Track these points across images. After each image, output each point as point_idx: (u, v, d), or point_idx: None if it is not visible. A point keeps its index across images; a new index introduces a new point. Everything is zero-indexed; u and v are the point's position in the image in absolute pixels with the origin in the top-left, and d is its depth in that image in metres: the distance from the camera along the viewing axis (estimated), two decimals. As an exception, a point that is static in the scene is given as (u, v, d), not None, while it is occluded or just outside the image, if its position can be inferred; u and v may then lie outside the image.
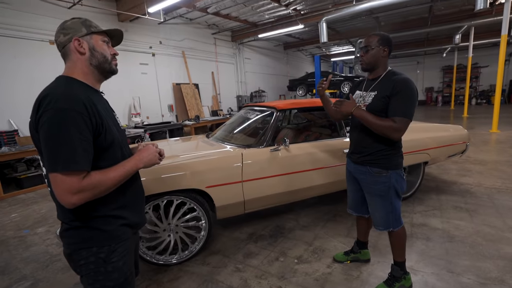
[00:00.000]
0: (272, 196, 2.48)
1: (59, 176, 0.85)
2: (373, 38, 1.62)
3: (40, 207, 3.92)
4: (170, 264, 2.22)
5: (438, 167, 4.51)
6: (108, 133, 0.98)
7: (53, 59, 5.70)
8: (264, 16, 9.12)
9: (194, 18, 8.92)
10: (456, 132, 3.45)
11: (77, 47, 1.00)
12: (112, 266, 1.00)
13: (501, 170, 4.22)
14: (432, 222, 2.75)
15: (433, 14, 10.20)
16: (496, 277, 1.93)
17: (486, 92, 17.15)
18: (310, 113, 3.37)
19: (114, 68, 1.10)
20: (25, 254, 2.64)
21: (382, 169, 1.66)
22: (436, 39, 14.44)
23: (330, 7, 8.37)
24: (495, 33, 12.21)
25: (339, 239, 2.52)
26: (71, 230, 0.98)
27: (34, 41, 5.55)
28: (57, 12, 5.85)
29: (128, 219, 1.06)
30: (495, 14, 9.24)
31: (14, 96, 5.27)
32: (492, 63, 16.49)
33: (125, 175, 0.98)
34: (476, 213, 2.88)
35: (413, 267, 2.06)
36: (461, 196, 3.34)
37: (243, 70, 12.00)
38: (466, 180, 3.90)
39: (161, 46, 8.31)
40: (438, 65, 18.76)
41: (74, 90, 0.93)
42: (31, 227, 3.26)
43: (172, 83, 8.77)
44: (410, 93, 1.53)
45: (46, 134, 0.86)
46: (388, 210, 1.69)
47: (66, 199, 0.86)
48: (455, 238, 2.44)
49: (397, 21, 11.12)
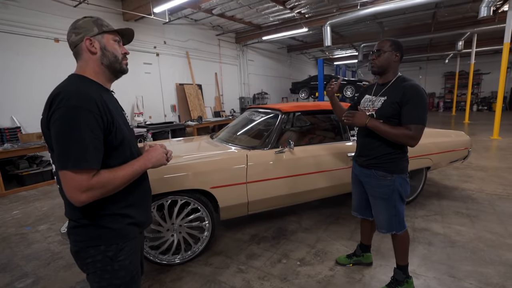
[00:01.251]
0: (275, 198, 2.49)
1: (69, 174, 0.86)
2: (386, 42, 1.65)
3: (42, 204, 3.93)
4: (173, 264, 2.23)
5: (440, 172, 4.52)
6: (119, 131, 0.99)
7: (57, 57, 5.75)
8: (269, 18, 9.16)
9: (199, 19, 8.97)
10: (458, 138, 3.47)
11: (89, 46, 1.01)
12: (119, 264, 1.01)
13: (502, 177, 4.23)
14: (433, 227, 2.76)
15: (436, 20, 10.25)
16: (497, 283, 1.93)
17: (488, 98, 17.19)
18: (314, 116, 3.39)
19: (124, 68, 1.11)
20: (26, 251, 2.64)
21: (387, 173, 1.67)
22: (438, 45, 14.49)
23: (334, 11, 8.41)
24: (497, 40, 12.25)
25: (342, 242, 2.53)
26: (79, 227, 0.98)
27: (39, 39, 5.58)
28: (63, 10, 5.89)
29: (135, 218, 1.07)
30: (498, 21, 9.28)
31: (17, 93, 5.30)
32: (493, 70, 16.54)
33: (133, 174, 0.99)
34: (478, 219, 2.89)
35: (415, 271, 2.07)
36: (462, 202, 3.35)
37: (246, 72, 12.04)
38: (468, 186, 3.91)
39: (165, 46, 8.35)
40: (440, 71, 18.82)
41: (86, 88, 0.94)
42: (33, 224, 3.27)
43: (176, 83, 8.80)
44: (422, 100, 1.55)
45: (57, 131, 0.87)
46: (392, 213, 1.70)
47: (76, 196, 0.87)
48: (457, 243, 2.45)
49: (400, 26, 11.18)
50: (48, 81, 5.60)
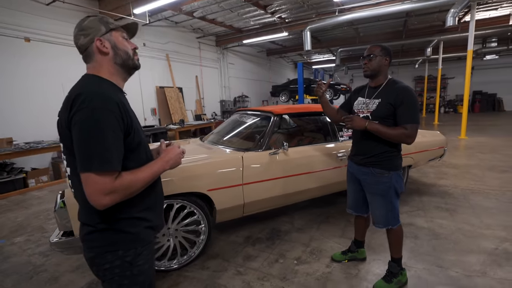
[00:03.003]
0: (270, 199, 2.52)
1: (92, 176, 0.83)
2: (376, 48, 1.74)
3: (15, 215, 3.66)
4: (169, 269, 2.17)
5: (418, 170, 4.79)
6: (136, 134, 0.97)
7: (28, 57, 5.40)
8: (250, 22, 9.25)
9: (180, 22, 8.85)
10: (435, 137, 3.71)
11: (100, 47, 0.97)
12: (138, 269, 0.98)
13: (472, 173, 4.57)
14: (417, 221, 2.92)
15: (407, 28, 10.92)
16: (479, 269, 2.09)
17: (453, 101, 18.50)
18: (302, 118, 3.46)
19: (137, 63, 1.08)
20: (3, 266, 2.45)
21: (384, 170, 1.76)
22: (409, 51, 15.41)
23: (313, 17, 8.68)
24: (460, 47, 13.27)
25: (335, 240, 2.60)
26: (96, 232, 0.94)
27: (8, 38, 5.20)
28: (34, 8, 5.56)
29: (152, 221, 1.04)
30: (460, 30, 10.07)
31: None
32: (457, 75, 17.86)
33: (152, 176, 0.97)
34: (456, 213, 3.10)
35: (406, 263, 2.17)
36: (440, 197, 3.57)
37: (227, 75, 12.02)
38: (444, 182, 4.18)
39: (145, 49, 8.13)
40: (411, 75, 19.95)
41: (106, 89, 0.92)
42: (7, 236, 3.03)
43: (156, 86, 8.59)
44: (414, 101, 1.68)
45: (80, 133, 0.84)
46: (388, 208, 1.79)
47: (98, 199, 0.84)
48: (440, 236, 2.61)
49: (375, 32, 11.77)
50: (19, 83, 5.24)
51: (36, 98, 5.52)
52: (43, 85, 5.63)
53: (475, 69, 17.32)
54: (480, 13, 9.34)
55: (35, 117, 5.50)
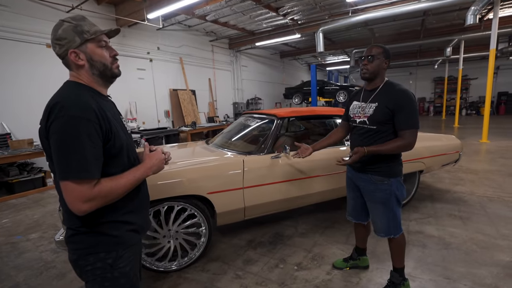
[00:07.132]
0: (272, 203, 2.50)
1: (70, 184, 0.85)
2: (378, 49, 1.68)
3: (33, 212, 3.84)
4: (169, 271, 2.20)
5: (432, 176, 4.60)
6: (117, 139, 0.98)
7: (49, 62, 5.68)
8: (262, 25, 9.27)
9: (193, 25, 9.02)
10: (450, 141, 3.55)
11: (75, 60, 0.97)
12: (119, 271, 1.00)
13: (492, 179, 4.33)
14: (427, 229, 2.80)
15: (425, 27, 10.55)
16: (490, 283, 1.97)
17: (476, 103, 17.64)
18: (308, 122, 3.42)
19: (115, 72, 1.06)
20: (17, 261, 2.58)
21: (383, 177, 1.70)
22: (428, 51, 14.88)
23: (326, 18, 8.57)
24: (483, 47, 12.65)
25: (338, 246, 2.54)
26: (78, 235, 0.97)
27: (30, 44, 5.51)
28: (55, 15, 5.86)
29: (135, 224, 1.06)
30: (483, 29, 9.60)
31: (7, 99, 5.21)
32: (481, 76, 17.03)
33: (135, 183, 0.99)
34: (470, 221, 2.95)
35: (411, 273, 2.09)
36: (455, 204, 3.41)
37: (239, 78, 12.10)
38: (459, 188, 3.98)
39: (159, 52, 8.35)
40: (430, 76, 19.27)
41: (84, 97, 0.93)
42: (24, 233, 3.19)
43: (169, 88, 8.79)
44: (413, 105, 1.61)
45: (57, 142, 0.85)
46: (389, 217, 1.73)
47: (77, 206, 0.86)
48: (451, 245, 2.49)
49: (391, 33, 11.45)
50: (39, 87, 5.53)
51: (55, 101, 5.79)
52: (63, 89, 5.90)
53: (501, 69, 16.47)
54: (505, 9, 8.86)
55: (54, 119, 5.76)
